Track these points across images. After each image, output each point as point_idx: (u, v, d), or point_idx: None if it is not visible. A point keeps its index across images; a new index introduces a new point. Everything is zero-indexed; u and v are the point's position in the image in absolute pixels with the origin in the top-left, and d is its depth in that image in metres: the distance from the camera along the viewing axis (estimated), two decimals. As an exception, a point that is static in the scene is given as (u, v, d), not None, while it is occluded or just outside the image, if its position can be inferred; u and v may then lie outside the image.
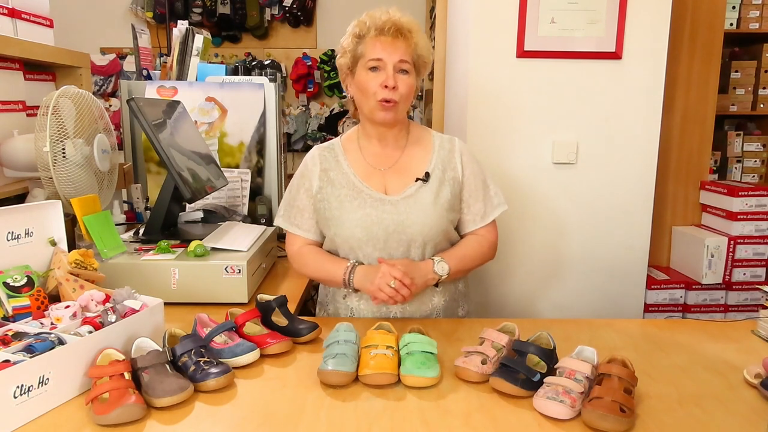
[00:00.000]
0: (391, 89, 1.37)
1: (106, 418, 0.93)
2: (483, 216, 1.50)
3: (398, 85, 1.38)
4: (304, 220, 1.50)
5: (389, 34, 1.37)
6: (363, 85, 1.40)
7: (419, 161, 1.48)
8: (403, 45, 1.37)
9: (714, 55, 2.37)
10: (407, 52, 1.38)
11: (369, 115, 1.43)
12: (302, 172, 1.51)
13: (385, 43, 1.37)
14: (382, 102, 1.38)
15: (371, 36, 1.38)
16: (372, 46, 1.38)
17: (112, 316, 1.15)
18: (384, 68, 1.37)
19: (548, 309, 2.22)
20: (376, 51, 1.37)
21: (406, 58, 1.38)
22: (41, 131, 1.51)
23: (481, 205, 1.50)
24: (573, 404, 0.97)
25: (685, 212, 2.51)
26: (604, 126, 2.10)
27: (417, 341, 1.14)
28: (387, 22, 1.37)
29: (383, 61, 1.37)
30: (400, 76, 1.38)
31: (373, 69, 1.38)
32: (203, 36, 2.17)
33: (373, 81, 1.38)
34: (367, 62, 1.38)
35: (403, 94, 1.39)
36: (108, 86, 4.68)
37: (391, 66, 1.37)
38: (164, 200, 1.64)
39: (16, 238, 1.26)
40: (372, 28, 1.38)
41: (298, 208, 1.50)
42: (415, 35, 1.39)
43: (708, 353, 1.26)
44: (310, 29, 4.88)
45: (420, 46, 1.40)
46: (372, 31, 1.38)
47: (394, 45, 1.37)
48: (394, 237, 1.42)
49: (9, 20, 1.77)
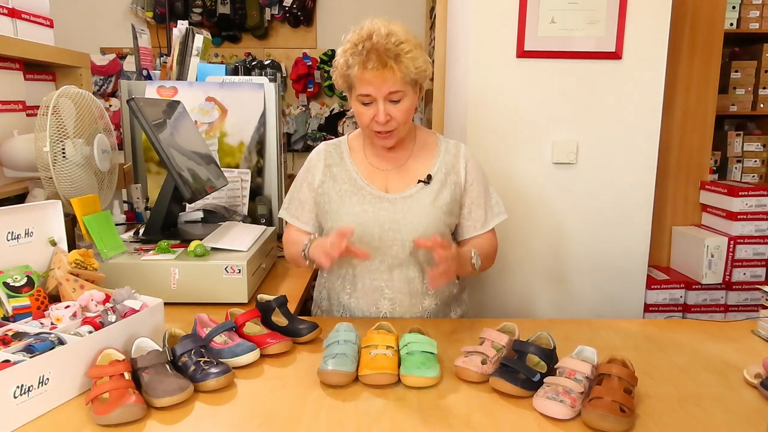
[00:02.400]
0: (383, 123, 1.35)
1: (106, 418, 0.93)
2: (483, 223, 1.51)
3: (392, 115, 1.35)
4: (305, 212, 1.52)
5: (373, 69, 1.29)
6: (358, 114, 1.39)
7: (423, 164, 1.48)
8: (390, 76, 1.30)
9: (714, 55, 2.37)
10: (396, 82, 1.30)
11: (369, 140, 1.46)
12: (307, 166, 1.54)
13: (372, 78, 1.30)
14: (377, 134, 1.39)
15: (357, 71, 1.31)
16: (360, 81, 1.32)
17: (112, 316, 1.15)
18: (375, 102, 1.34)
19: (548, 309, 2.22)
20: (364, 87, 1.32)
21: (396, 87, 1.31)
22: (41, 131, 1.51)
23: (482, 212, 1.50)
24: (573, 404, 0.97)
25: (685, 212, 2.51)
26: (604, 126, 2.10)
27: (417, 341, 1.14)
28: (370, 54, 1.29)
29: (372, 96, 1.33)
30: (392, 105, 1.34)
31: (365, 103, 1.36)
32: (203, 36, 2.17)
33: (365, 115, 1.36)
34: (357, 96, 1.35)
35: (399, 120, 1.36)
36: (108, 86, 4.67)
37: (381, 99, 1.33)
38: (164, 200, 1.64)
39: (16, 238, 1.26)
40: (356, 63, 1.31)
41: (300, 201, 1.53)
42: (403, 59, 1.30)
43: (708, 353, 1.26)
44: (310, 29, 4.88)
45: (411, 68, 1.32)
46: (357, 67, 1.31)
47: (381, 78, 1.30)
48: (389, 235, 1.43)
49: (9, 20, 1.77)
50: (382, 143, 1.43)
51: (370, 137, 1.44)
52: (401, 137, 1.43)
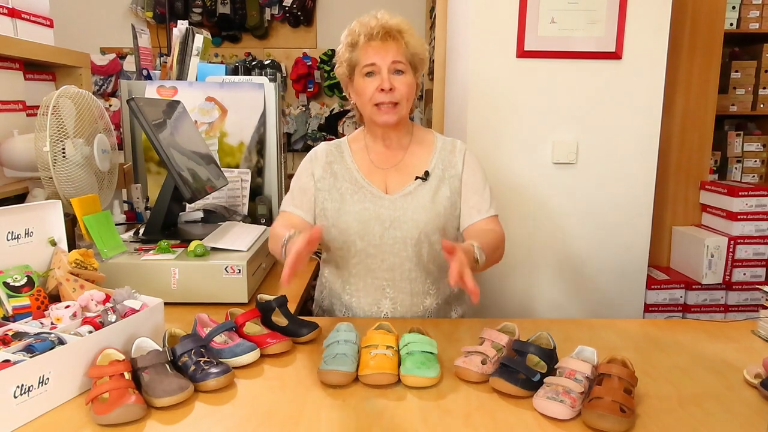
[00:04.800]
0: (388, 91, 1.39)
1: (106, 418, 0.93)
2: (480, 210, 1.47)
3: (395, 86, 1.39)
4: (305, 200, 1.51)
5: (379, 38, 1.38)
6: (361, 90, 1.43)
7: (420, 161, 1.49)
8: (394, 46, 1.39)
9: (714, 55, 2.37)
10: (399, 53, 1.39)
11: (371, 119, 1.46)
12: (310, 157, 1.55)
13: (377, 48, 1.39)
14: (381, 105, 1.40)
15: (362, 43, 1.40)
16: (364, 52, 1.40)
17: (112, 315, 1.15)
18: (379, 72, 1.39)
19: (548, 309, 2.22)
20: (369, 56, 1.39)
21: (399, 58, 1.39)
22: (41, 131, 1.51)
23: (478, 198, 1.48)
24: (573, 404, 0.97)
25: (685, 212, 2.51)
26: (604, 126, 2.10)
27: (417, 341, 1.14)
28: (375, 27, 1.39)
29: (377, 65, 1.39)
30: (396, 76, 1.40)
31: (369, 74, 1.40)
32: (203, 36, 2.17)
33: (369, 86, 1.40)
34: (362, 69, 1.41)
35: (402, 93, 1.40)
36: (108, 86, 4.67)
37: (386, 69, 1.38)
38: (164, 200, 1.64)
39: (16, 238, 1.26)
40: (362, 35, 1.40)
41: (300, 189, 1.52)
42: (405, 35, 1.40)
43: (708, 353, 1.26)
44: (310, 29, 4.88)
45: (412, 45, 1.41)
46: (362, 38, 1.40)
47: (385, 48, 1.38)
48: (390, 233, 1.44)
49: (9, 20, 1.77)
50: (385, 118, 1.42)
51: (372, 115, 1.43)
52: (402, 116, 1.44)
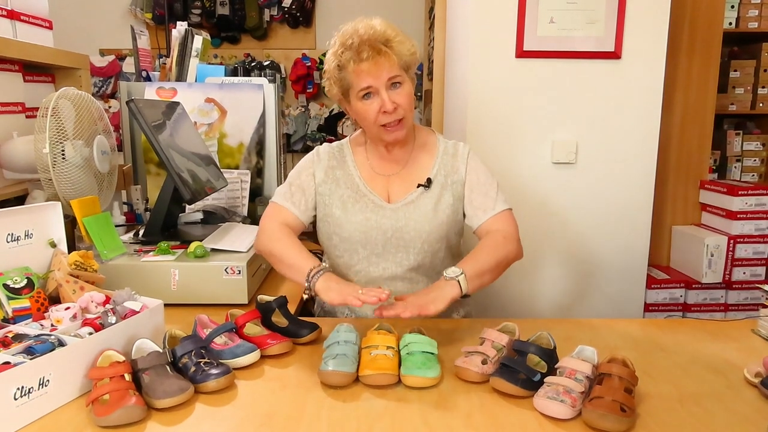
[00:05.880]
0: (392, 111, 1.33)
1: (106, 420, 0.93)
2: (485, 209, 1.43)
3: (397, 102, 1.33)
4: (303, 200, 1.46)
5: (369, 58, 1.29)
6: (362, 114, 1.36)
7: (423, 167, 1.47)
8: (386, 63, 1.30)
9: (713, 55, 2.38)
10: (393, 67, 1.31)
11: (377, 139, 1.42)
12: (311, 158, 1.49)
13: (369, 70, 1.30)
14: (387, 125, 1.35)
15: (352, 66, 1.31)
16: (356, 75, 1.31)
17: (113, 317, 1.15)
18: (377, 93, 1.32)
19: (548, 309, 2.22)
20: (363, 80, 1.31)
21: (394, 72, 1.31)
22: (41, 133, 1.51)
23: (483, 198, 1.44)
24: (573, 404, 0.97)
25: (685, 211, 2.51)
26: (604, 126, 2.10)
27: (417, 341, 1.14)
28: (361, 46, 1.29)
29: (373, 87, 1.32)
30: (395, 91, 1.33)
31: (367, 96, 1.33)
32: (202, 37, 2.17)
33: (371, 109, 1.34)
34: (358, 92, 1.33)
35: (405, 107, 1.35)
36: (107, 87, 4.67)
37: (383, 88, 1.31)
38: (164, 201, 1.64)
39: (16, 239, 1.26)
40: (350, 59, 1.31)
41: (300, 187, 1.47)
42: (393, 43, 1.32)
43: (708, 352, 1.26)
44: (309, 30, 4.88)
45: (402, 51, 1.33)
46: (351, 63, 1.31)
47: (377, 67, 1.30)
48: (392, 242, 1.42)
49: (8, 22, 1.77)
50: (394, 136, 1.37)
51: (379, 135, 1.38)
52: (409, 128, 1.40)
